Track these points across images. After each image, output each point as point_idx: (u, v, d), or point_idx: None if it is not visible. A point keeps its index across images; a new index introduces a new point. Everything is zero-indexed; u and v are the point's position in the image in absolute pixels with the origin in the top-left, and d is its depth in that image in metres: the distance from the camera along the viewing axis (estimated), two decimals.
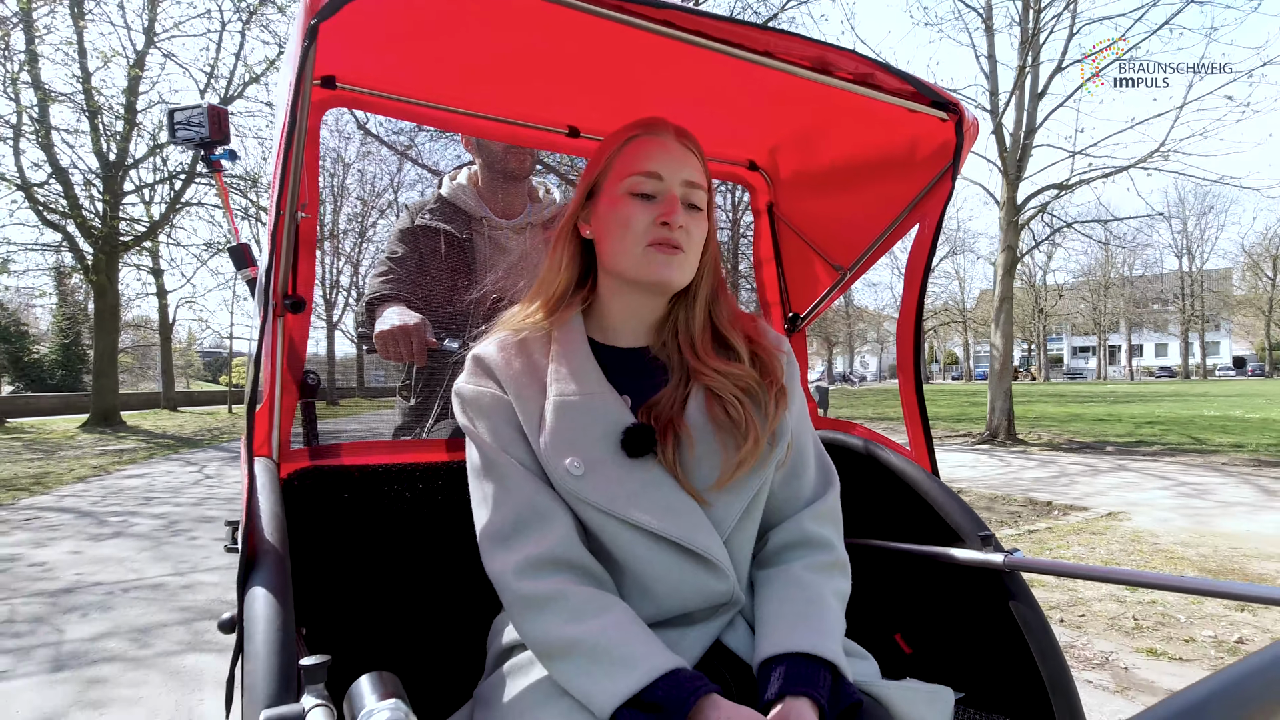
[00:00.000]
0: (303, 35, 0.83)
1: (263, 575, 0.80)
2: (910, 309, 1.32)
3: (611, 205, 0.94)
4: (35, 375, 28.47)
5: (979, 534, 1.16)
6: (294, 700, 0.64)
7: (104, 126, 15.43)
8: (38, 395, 24.21)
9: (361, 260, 22.05)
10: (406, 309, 1.63)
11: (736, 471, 0.88)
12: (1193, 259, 56.55)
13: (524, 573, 0.81)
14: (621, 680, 0.73)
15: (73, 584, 3.97)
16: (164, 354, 24.79)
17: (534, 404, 0.90)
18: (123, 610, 3.52)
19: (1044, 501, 6.17)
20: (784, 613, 0.86)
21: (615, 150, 0.96)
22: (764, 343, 0.99)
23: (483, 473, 0.88)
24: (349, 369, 35.51)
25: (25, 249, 17.94)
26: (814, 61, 1.06)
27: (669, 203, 0.92)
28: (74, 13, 14.41)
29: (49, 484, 7.88)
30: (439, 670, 1.15)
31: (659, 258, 0.91)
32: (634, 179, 0.93)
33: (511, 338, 0.95)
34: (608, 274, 0.97)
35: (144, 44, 15.54)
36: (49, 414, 20.94)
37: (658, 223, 0.91)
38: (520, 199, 1.92)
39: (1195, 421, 13.96)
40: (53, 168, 14.95)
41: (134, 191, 16.75)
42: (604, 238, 0.95)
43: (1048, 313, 56.76)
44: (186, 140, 1.39)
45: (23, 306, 31.02)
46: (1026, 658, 1.06)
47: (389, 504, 1.21)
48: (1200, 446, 10.07)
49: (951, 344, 73.83)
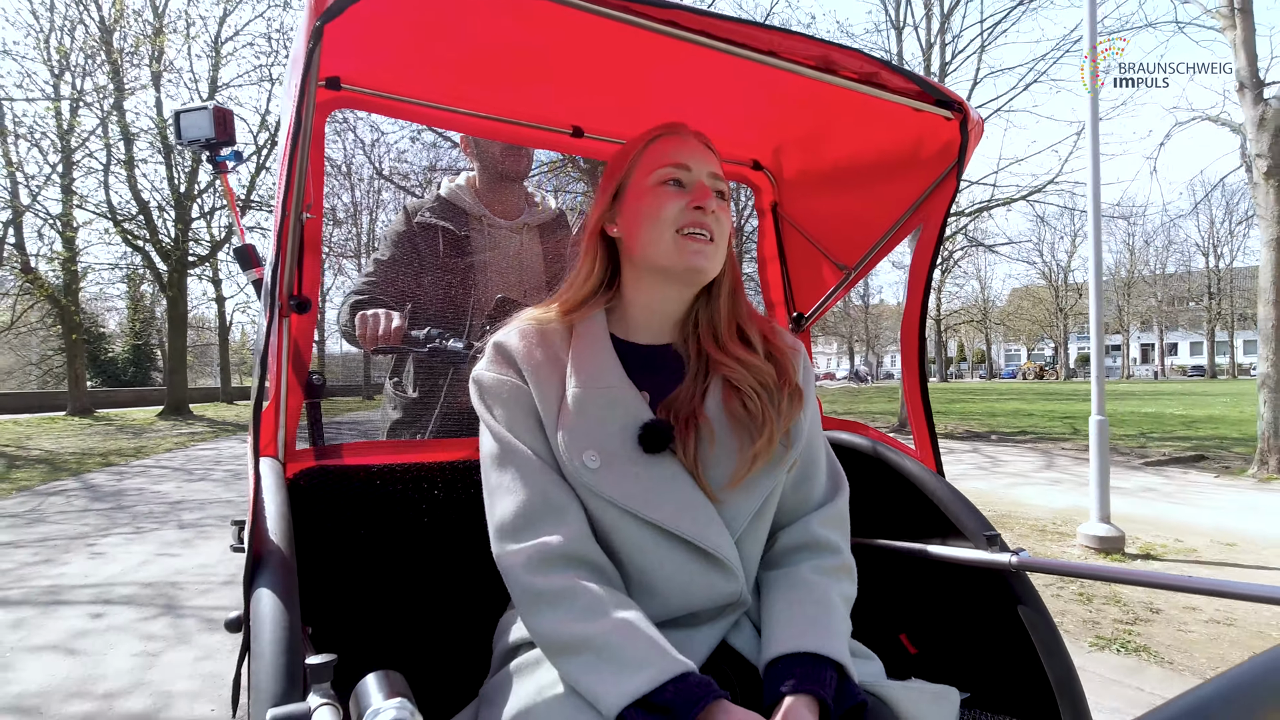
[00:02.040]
0: (308, 37, 0.83)
1: (269, 575, 0.80)
2: (915, 309, 1.32)
3: (640, 197, 0.94)
4: (110, 372, 32.11)
5: (985, 534, 1.14)
6: (300, 699, 0.64)
7: (176, 164, 18.50)
8: (116, 390, 27.70)
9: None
10: (387, 309, 1.63)
11: (751, 467, 0.88)
12: (1218, 257, 56.18)
13: (535, 567, 0.80)
14: (630, 680, 0.72)
15: (179, 500, 6.68)
16: (222, 353, 28.05)
17: (553, 395, 0.89)
18: (210, 510, 6.18)
19: None
20: (790, 613, 0.85)
21: (640, 150, 0.97)
22: (778, 342, 0.99)
23: (497, 461, 0.87)
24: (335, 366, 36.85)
25: (110, 266, 21.29)
26: (818, 61, 1.05)
27: (699, 189, 0.93)
28: (153, 69, 17.46)
29: (147, 453, 10.77)
30: (444, 669, 1.14)
31: (691, 245, 0.91)
32: (664, 170, 0.94)
33: (533, 327, 0.95)
34: (635, 267, 0.97)
35: (209, 93, 18.56)
36: (126, 406, 24.24)
37: (690, 207, 0.92)
38: (518, 201, 1.94)
39: (1114, 416, 15.81)
40: (136, 200, 18.06)
41: (200, 218, 19.82)
42: (634, 230, 0.95)
43: (1068, 312, 56.96)
44: (192, 142, 1.40)
45: (99, 311, 34.99)
46: (1033, 658, 1.05)
47: (394, 503, 1.21)
48: (1065, 436, 12.08)
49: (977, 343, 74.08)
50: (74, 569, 4.34)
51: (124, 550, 4.79)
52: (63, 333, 19.10)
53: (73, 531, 5.38)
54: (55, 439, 12.50)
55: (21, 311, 20.17)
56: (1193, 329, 66.81)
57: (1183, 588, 0.91)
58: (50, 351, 29.15)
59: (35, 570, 4.32)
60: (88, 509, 6.33)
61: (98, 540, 5.09)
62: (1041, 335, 62.55)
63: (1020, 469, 8.47)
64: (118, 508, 6.36)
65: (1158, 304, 61.69)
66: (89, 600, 3.75)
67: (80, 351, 18.53)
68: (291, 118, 0.90)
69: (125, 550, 4.78)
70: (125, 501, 6.67)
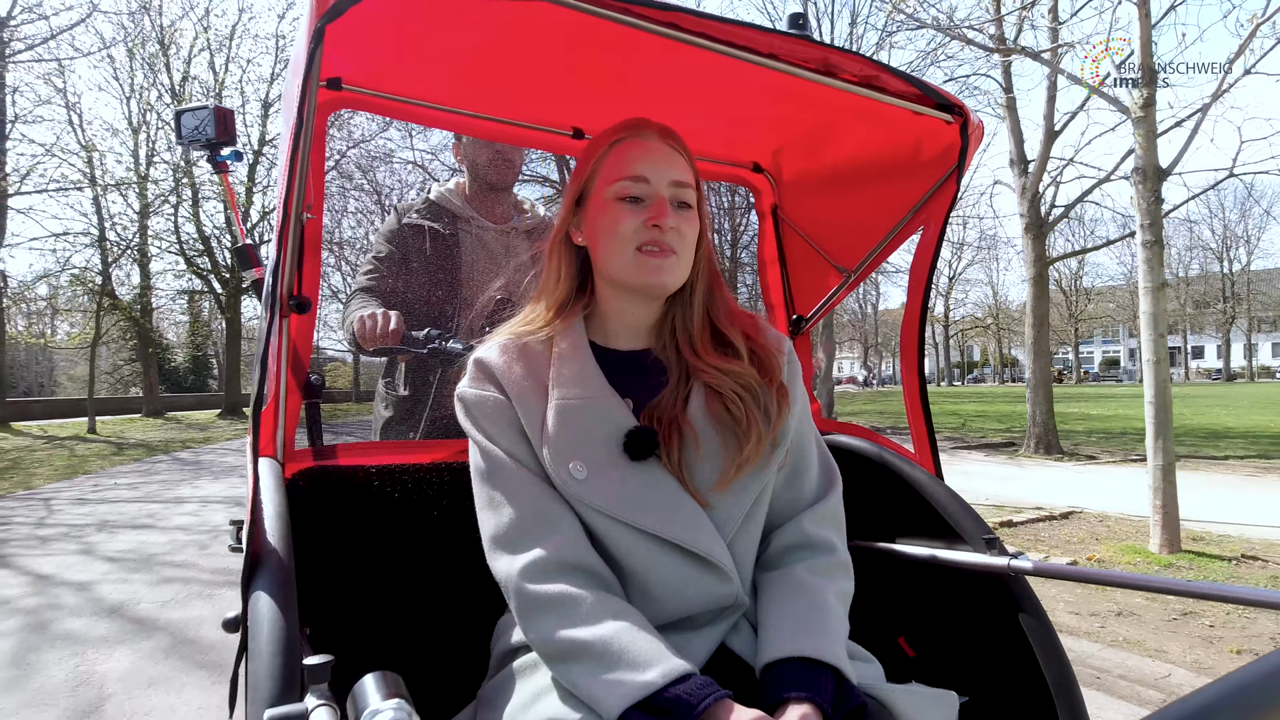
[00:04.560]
0: (309, 37, 0.83)
1: (267, 575, 0.80)
2: (914, 313, 1.31)
3: (600, 211, 0.93)
4: (173, 379, 36.26)
5: (983, 536, 1.14)
6: (298, 700, 0.64)
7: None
8: (180, 395, 31.71)
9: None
10: (384, 307, 1.63)
11: (738, 472, 0.87)
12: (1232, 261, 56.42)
13: (532, 576, 0.80)
14: (631, 683, 0.71)
15: (237, 465, 9.97)
16: None
17: (536, 408, 0.89)
18: None
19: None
20: (786, 616, 0.84)
21: (600, 155, 0.95)
22: (763, 341, 0.98)
23: (487, 476, 0.87)
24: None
25: (180, 293, 25.22)
26: (818, 64, 1.06)
27: (657, 205, 0.91)
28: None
29: (212, 441, 14.28)
30: (443, 670, 1.14)
31: (650, 263, 0.90)
32: (620, 184, 0.92)
33: (513, 342, 0.94)
34: (603, 279, 0.96)
35: (258, 144, 22.21)
36: (188, 409, 28.07)
37: (647, 225, 0.90)
38: (505, 209, 1.96)
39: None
40: (200, 238, 21.77)
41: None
42: (595, 244, 0.95)
43: (1078, 316, 57.74)
44: (193, 142, 1.39)
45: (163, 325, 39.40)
46: (1031, 662, 1.05)
47: (393, 504, 1.21)
48: (998, 432, 14.65)
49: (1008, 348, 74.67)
50: (185, 491, 7.64)
51: (209, 486, 8.07)
52: (138, 347, 22.94)
53: (178, 478, 8.72)
54: (142, 433, 16.12)
55: (107, 329, 24.08)
56: (1219, 332, 66.59)
57: (1192, 593, 0.91)
58: (121, 362, 33.30)
59: (164, 491, 7.67)
60: (182, 469, 9.72)
61: (193, 481, 8.43)
62: (1060, 341, 63.28)
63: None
64: (200, 469, 9.68)
65: (1180, 307, 61.94)
66: (198, 501, 7.00)
67: (153, 363, 22.32)
68: (293, 118, 0.90)
69: (210, 486, 8.06)
70: (203, 466, 10.00)
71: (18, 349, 24.89)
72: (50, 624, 3.49)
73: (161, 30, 20.48)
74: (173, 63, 20.77)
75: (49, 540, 5.39)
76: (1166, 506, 4.50)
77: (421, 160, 13.02)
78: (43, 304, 22.33)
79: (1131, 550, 4.53)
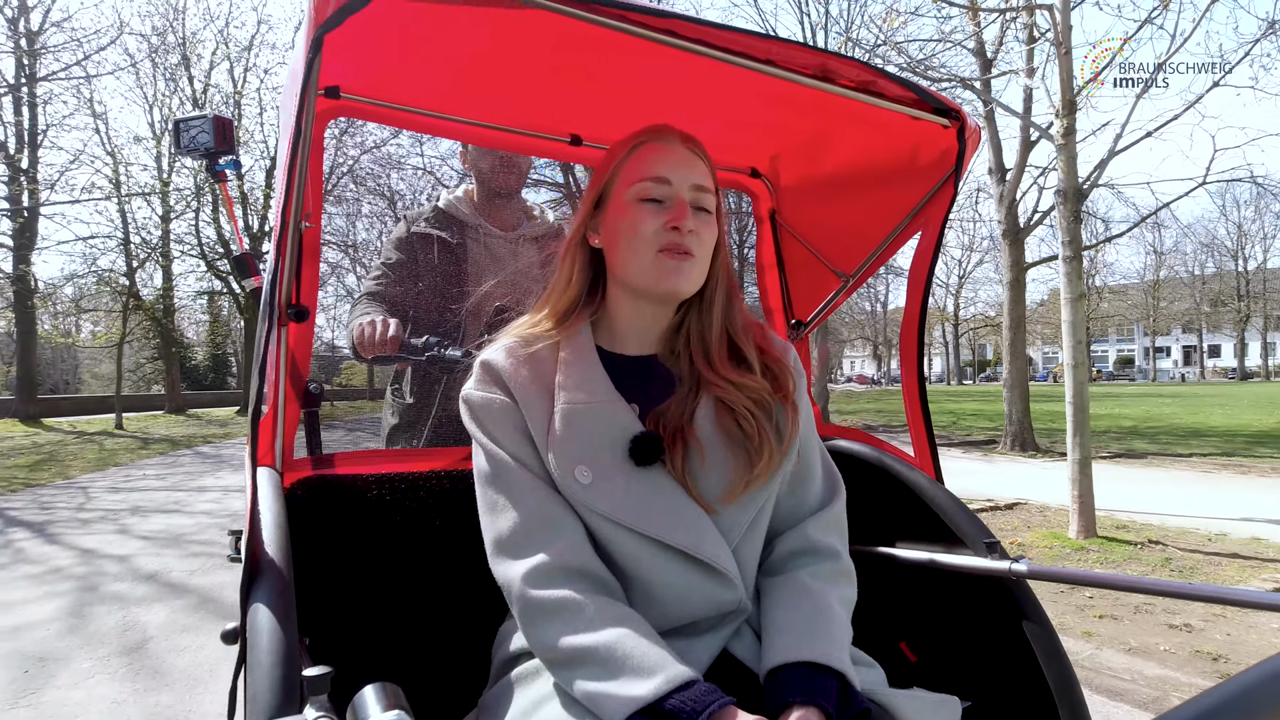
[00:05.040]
0: (308, 46, 0.83)
1: (266, 586, 0.80)
2: (914, 314, 1.31)
3: (620, 213, 0.93)
4: (193, 377, 37.23)
5: (984, 541, 1.14)
6: (297, 712, 0.64)
7: (250, 208, 23.01)
8: (200, 392, 32.66)
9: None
10: (388, 315, 1.65)
11: (747, 488, 0.87)
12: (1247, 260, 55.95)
13: (535, 581, 0.80)
14: (634, 689, 0.71)
15: None
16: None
17: (542, 412, 0.88)
18: None
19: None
20: (791, 622, 0.84)
21: (622, 158, 0.95)
22: (775, 354, 0.98)
23: (491, 480, 0.87)
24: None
25: (200, 293, 26.12)
26: (816, 69, 1.06)
27: (678, 207, 0.91)
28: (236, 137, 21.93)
29: (232, 436, 15.05)
30: (443, 680, 1.13)
31: (669, 264, 0.90)
32: (642, 185, 0.92)
33: (520, 345, 0.93)
34: (617, 282, 0.96)
35: (275, 155, 22.99)
36: (207, 406, 28.96)
37: (667, 228, 0.90)
38: (514, 215, 1.96)
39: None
40: (220, 242, 22.60)
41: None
42: (613, 246, 0.94)
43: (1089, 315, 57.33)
44: (192, 151, 1.40)
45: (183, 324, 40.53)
46: (1033, 666, 1.04)
47: (392, 513, 1.20)
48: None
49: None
50: (208, 482, 8.31)
51: (230, 477, 8.72)
52: (160, 345, 23.82)
53: (200, 470, 9.41)
54: (165, 428, 16.92)
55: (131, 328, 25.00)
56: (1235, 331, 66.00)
57: (1196, 595, 0.90)
58: (142, 360, 34.31)
59: (188, 481, 8.34)
60: (204, 462, 10.41)
61: (214, 472, 9.10)
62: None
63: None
64: (220, 462, 10.36)
65: (1195, 305, 61.43)
66: (219, 490, 7.66)
67: (175, 361, 23.20)
68: (291, 127, 0.90)
69: (230, 477, 8.71)
70: (224, 460, 10.67)
71: (44, 348, 26.00)
72: (99, 586, 4.13)
73: (184, 42, 21.33)
74: (194, 72, 21.65)
75: (89, 522, 6.06)
76: (1083, 497, 4.99)
77: (431, 166, 13.57)
78: (68, 304, 23.25)
79: (1052, 536, 5.03)
